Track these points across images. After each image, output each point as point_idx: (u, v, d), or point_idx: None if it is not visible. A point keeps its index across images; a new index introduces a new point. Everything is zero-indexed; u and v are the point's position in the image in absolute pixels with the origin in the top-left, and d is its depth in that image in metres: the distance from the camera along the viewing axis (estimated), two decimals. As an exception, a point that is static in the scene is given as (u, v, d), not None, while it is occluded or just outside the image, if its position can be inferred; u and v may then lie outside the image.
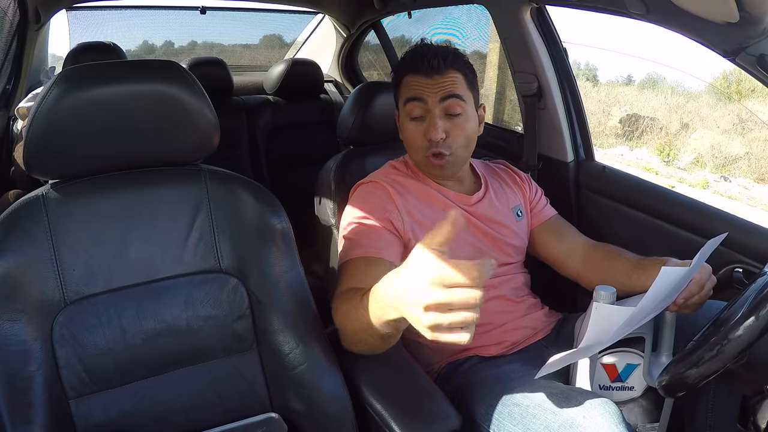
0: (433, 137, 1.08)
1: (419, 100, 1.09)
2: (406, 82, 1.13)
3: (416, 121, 1.11)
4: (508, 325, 1.14)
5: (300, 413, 0.93)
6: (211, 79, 2.05)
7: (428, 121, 1.09)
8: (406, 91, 1.12)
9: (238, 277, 0.94)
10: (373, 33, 2.60)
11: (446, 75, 1.09)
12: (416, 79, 1.10)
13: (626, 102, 8.59)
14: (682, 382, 0.81)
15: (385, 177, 1.16)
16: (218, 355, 0.94)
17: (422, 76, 1.09)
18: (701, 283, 0.95)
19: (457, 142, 1.10)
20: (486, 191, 1.22)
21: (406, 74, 1.12)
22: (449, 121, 1.09)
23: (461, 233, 1.14)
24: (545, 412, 0.85)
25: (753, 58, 1.03)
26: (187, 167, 0.95)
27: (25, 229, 0.82)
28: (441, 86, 1.09)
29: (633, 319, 0.85)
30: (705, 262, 0.97)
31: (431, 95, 1.08)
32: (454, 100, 1.09)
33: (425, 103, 1.09)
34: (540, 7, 1.53)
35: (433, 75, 1.09)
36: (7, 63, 1.71)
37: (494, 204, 1.20)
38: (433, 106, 1.08)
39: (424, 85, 1.09)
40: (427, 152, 1.11)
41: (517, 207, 1.24)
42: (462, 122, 1.10)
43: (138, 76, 0.86)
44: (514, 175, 1.29)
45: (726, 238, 0.94)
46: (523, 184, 1.28)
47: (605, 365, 0.98)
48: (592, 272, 1.16)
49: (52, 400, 0.80)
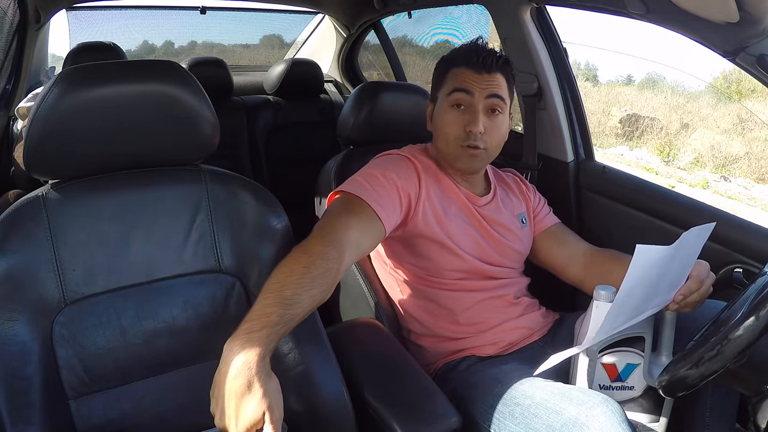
0: (474, 129, 1.10)
1: (466, 92, 1.11)
2: (454, 73, 1.14)
3: (457, 111, 1.13)
4: (505, 325, 1.14)
5: (300, 413, 0.93)
6: (211, 79, 2.05)
7: (470, 113, 1.11)
8: (454, 81, 1.14)
9: (238, 277, 0.94)
10: (373, 33, 2.60)
11: (494, 75, 1.12)
12: (466, 72, 1.13)
13: (626, 102, 8.59)
14: (682, 382, 0.81)
15: (411, 154, 1.17)
16: (218, 355, 0.92)
17: (473, 70, 1.12)
18: (700, 279, 0.95)
19: (493, 140, 1.13)
20: (494, 195, 1.23)
21: (457, 66, 1.14)
22: (489, 119, 1.12)
23: (466, 229, 1.15)
24: (547, 412, 0.85)
25: (753, 58, 1.03)
26: (187, 167, 0.95)
27: (25, 229, 0.82)
28: (489, 84, 1.11)
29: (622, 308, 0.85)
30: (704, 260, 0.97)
31: (479, 90, 1.11)
32: (498, 99, 1.12)
33: (471, 96, 1.11)
34: (540, 7, 1.53)
35: (482, 72, 1.12)
36: (7, 63, 1.71)
37: (501, 208, 1.22)
38: (478, 101, 1.11)
39: (473, 78, 1.12)
40: (463, 143, 1.12)
41: (522, 214, 1.26)
42: (500, 122, 1.13)
43: (138, 76, 0.86)
44: (521, 185, 1.31)
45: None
46: (528, 193, 1.31)
47: (605, 365, 0.98)
48: (594, 278, 1.16)
49: (52, 400, 0.80)
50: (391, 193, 1.05)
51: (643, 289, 0.87)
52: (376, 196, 1.02)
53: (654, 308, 0.93)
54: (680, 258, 0.90)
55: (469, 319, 1.14)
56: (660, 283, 0.90)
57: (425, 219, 1.10)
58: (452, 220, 1.14)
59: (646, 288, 0.88)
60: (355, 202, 1.01)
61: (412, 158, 1.15)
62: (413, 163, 1.14)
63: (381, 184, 1.05)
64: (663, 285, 0.91)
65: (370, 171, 1.09)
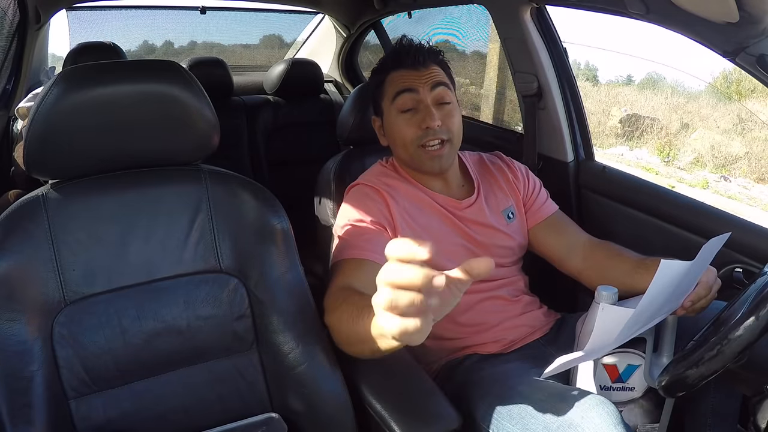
0: (431, 124, 1.09)
1: (411, 91, 1.11)
2: (392, 78, 1.14)
3: (407, 114, 1.12)
4: (505, 323, 1.14)
5: (300, 413, 0.93)
6: (211, 79, 2.05)
7: (422, 111, 1.11)
8: (394, 86, 1.13)
9: (238, 277, 0.94)
10: (373, 33, 2.60)
11: (431, 67, 1.13)
12: (403, 72, 1.13)
13: (626, 102, 8.59)
14: (682, 382, 0.81)
15: (377, 179, 1.16)
16: (218, 355, 0.94)
17: (408, 69, 1.12)
18: (708, 285, 0.94)
19: (452, 128, 1.13)
20: (477, 196, 1.20)
21: (392, 71, 1.14)
22: (441, 110, 1.11)
23: (451, 238, 1.14)
24: (544, 412, 0.85)
25: (753, 58, 1.03)
26: (187, 167, 0.95)
27: (25, 229, 0.82)
28: (429, 77, 1.12)
29: (638, 318, 0.85)
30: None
31: (422, 85, 1.11)
32: (443, 88, 1.12)
33: (417, 93, 1.11)
34: (540, 7, 1.53)
35: (418, 67, 1.12)
36: (7, 63, 1.71)
37: (484, 209, 1.19)
38: (425, 96, 1.11)
39: (412, 76, 1.12)
40: (422, 141, 1.11)
41: (508, 209, 1.22)
42: (452, 110, 1.13)
43: (138, 76, 0.86)
44: (507, 173, 1.27)
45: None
46: (518, 181, 1.26)
47: (606, 366, 0.98)
48: (593, 271, 1.16)
49: (52, 400, 0.80)
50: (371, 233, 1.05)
51: (660, 299, 0.87)
52: (362, 243, 1.02)
53: (664, 314, 0.93)
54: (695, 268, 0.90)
55: (469, 320, 1.13)
56: (674, 292, 0.90)
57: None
58: (435, 236, 1.12)
59: (663, 298, 0.88)
60: (349, 264, 1.00)
61: (376, 187, 1.13)
62: (379, 192, 1.12)
63: (358, 234, 1.05)
64: (676, 293, 0.91)
65: (344, 225, 1.08)
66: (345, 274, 0.98)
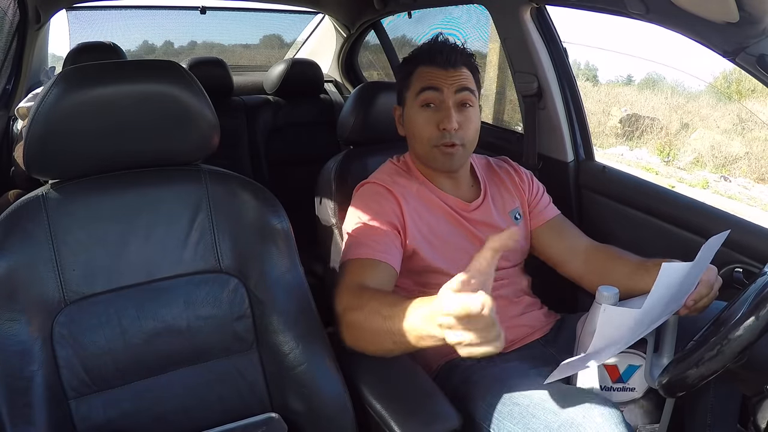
0: (448, 127, 1.09)
1: (435, 90, 1.11)
2: (420, 73, 1.14)
3: (428, 111, 1.12)
4: (505, 323, 1.14)
5: (300, 413, 0.93)
6: (211, 79, 2.05)
7: (442, 111, 1.11)
8: (420, 81, 1.13)
9: (239, 277, 0.94)
10: (373, 33, 2.60)
11: (459, 69, 1.13)
12: (432, 70, 1.13)
13: (626, 102, 8.59)
14: (682, 382, 0.81)
15: (390, 179, 1.16)
16: (218, 355, 0.94)
17: (438, 67, 1.12)
18: (710, 284, 0.94)
19: (468, 134, 1.13)
20: (485, 197, 1.21)
21: (421, 65, 1.14)
22: (461, 113, 1.12)
23: (458, 240, 1.14)
24: (545, 412, 0.85)
25: (753, 58, 1.03)
26: (187, 167, 0.95)
27: (25, 229, 0.82)
28: (456, 79, 1.11)
29: (642, 321, 0.85)
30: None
31: (447, 86, 1.11)
32: (468, 92, 1.12)
33: (441, 93, 1.11)
34: (540, 7, 1.53)
35: (448, 68, 1.12)
36: (7, 63, 1.71)
37: (491, 210, 1.20)
38: (448, 97, 1.11)
39: (440, 75, 1.11)
40: (438, 143, 1.12)
41: (515, 210, 1.24)
42: (472, 115, 1.13)
43: (138, 76, 0.86)
44: (514, 176, 1.29)
45: (726, 237, 0.94)
46: (523, 184, 1.28)
47: (607, 366, 0.98)
48: (594, 274, 1.16)
49: (52, 400, 0.80)
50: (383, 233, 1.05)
51: (663, 301, 0.87)
52: (374, 244, 1.03)
53: (667, 315, 0.93)
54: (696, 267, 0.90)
55: (470, 320, 1.13)
56: (676, 293, 0.90)
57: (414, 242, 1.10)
58: (443, 239, 1.13)
59: (666, 299, 0.88)
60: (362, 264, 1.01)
61: (390, 188, 1.13)
62: (391, 192, 1.12)
63: (370, 234, 1.05)
64: (678, 294, 0.91)
65: (356, 223, 1.08)
66: (357, 273, 0.99)
